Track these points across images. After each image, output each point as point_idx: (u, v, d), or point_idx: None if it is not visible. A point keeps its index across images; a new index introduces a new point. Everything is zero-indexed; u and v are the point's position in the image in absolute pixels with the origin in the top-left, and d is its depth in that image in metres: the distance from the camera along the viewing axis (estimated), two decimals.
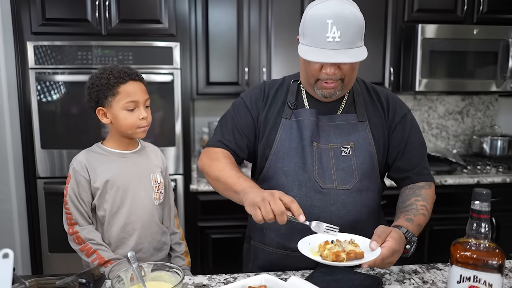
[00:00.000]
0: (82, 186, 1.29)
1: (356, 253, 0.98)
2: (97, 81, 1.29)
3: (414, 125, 1.31)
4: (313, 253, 1.02)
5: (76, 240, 1.28)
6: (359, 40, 1.11)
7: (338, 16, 1.07)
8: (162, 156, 1.50)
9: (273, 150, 1.27)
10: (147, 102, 1.35)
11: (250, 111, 1.31)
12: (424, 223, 1.17)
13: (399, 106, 1.31)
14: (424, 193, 1.23)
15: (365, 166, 1.23)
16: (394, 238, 1.02)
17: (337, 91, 1.19)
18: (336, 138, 1.24)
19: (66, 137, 2.25)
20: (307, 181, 1.21)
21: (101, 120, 1.34)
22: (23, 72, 2.20)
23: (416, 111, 3.15)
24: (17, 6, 2.17)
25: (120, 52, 2.22)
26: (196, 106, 2.98)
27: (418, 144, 1.29)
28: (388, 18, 2.67)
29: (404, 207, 1.19)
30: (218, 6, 2.54)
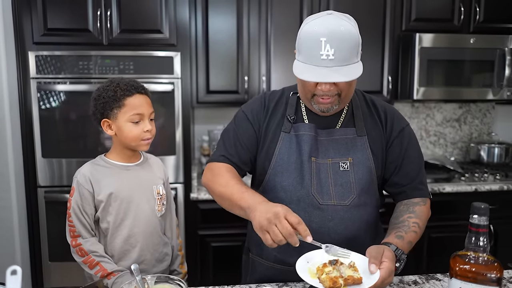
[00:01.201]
0: (85, 199, 1.30)
1: (354, 279, 0.97)
2: (103, 93, 1.31)
3: (412, 139, 1.30)
4: (311, 275, 1.01)
5: (79, 253, 1.29)
6: (354, 56, 1.09)
7: (332, 34, 1.06)
8: (164, 167, 1.52)
9: (272, 164, 1.27)
10: (152, 115, 1.37)
11: (252, 124, 1.31)
12: (415, 240, 1.17)
13: (397, 120, 1.30)
14: (418, 210, 1.22)
15: (363, 182, 1.23)
16: (389, 258, 1.02)
17: (334, 106, 1.19)
18: (334, 153, 1.24)
19: (67, 146, 2.26)
20: (305, 197, 1.21)
21: (106, 131, 1.35)
22: (24, 81, 2.21)
23: (414, 118, 3.18)
24: (19, 16, 2.18)
25: (121, 61, 2.23)
26: (196, 114, 2.99)
27: (415, 159, 1.29)
28: (386, 27, 2.69)
29: (396, 224, 1.19)
30: (218, 15, 2.56)
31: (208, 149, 2.84)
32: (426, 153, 3.20)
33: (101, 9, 2.21)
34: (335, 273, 0.99)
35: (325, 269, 1.00)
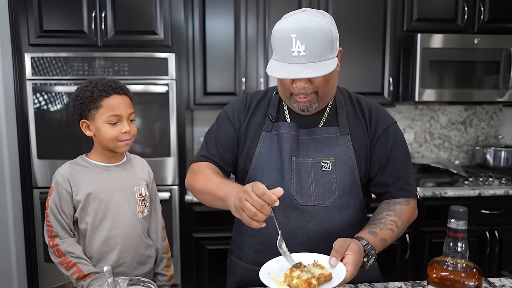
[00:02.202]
0: (64, 198, 1.29)
1: (325, 276, 0.94)
2: (81, 93, 1.30)
3: (398, 138, 1.25)
4: (279, 284, 0.96)
5: (56, 253, 1.28)
6: (328, 52, 1.07)
7: (302, 30, 1.04)
8: (149, 169, 1.50)
9: (252, 163, 1.25)
10: (131, 116, 1.35)
11: (232, 124, 1.30)
12: (391, 239, 1.12)
13: (383, 118, 1.25)
14: (399, 209, 1.18)
15: (345, 182, 1.19)
16: (353, 251, 0.98)
17: (313, 104, 1.16)
18: (316, 152, 1.21)
19: (62, 147, 2.26)
20: (285, 197, 1.16)
21: (85, 132, 1.34)
22: (20, 83, 2.23)
23: (417, 121, 3.11)
24: (15, 18, 2.20)
25: (116, 63, 2.23)
26: (196, 116, 2.98)
27: (401, 158, 1.24)
28: (387, 28, 2.64)
29: (373, 220, 1.16)
30: (215, 16, 2.55)
31: None
32: (430, 156, 3.13)
33: (96, 11, 2.22)
34: (306, 275, 0.95)
35: (293, 274, 0.96)
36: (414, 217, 1.23)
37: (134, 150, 2.28)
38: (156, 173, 2.30)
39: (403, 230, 1.17)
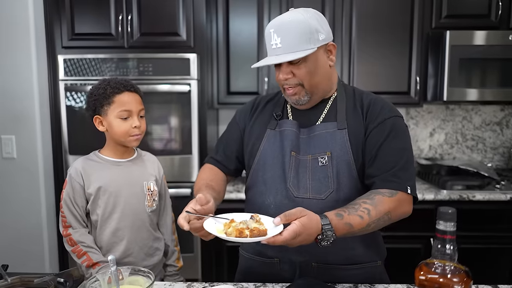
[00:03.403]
0: (77, 191, 1.37)
1: (260, 230, 0.99)
2: (95, 91, 1.38)
3: (395, 131, 1.21)
4: (218, 231, 1.04)
5: (69, 242, 1.36)
6: (304, 43, 1.14)
7: (279, 24, 1.16)
8: (159, 165, 1.56)
9: (256, 159, 1.30)
10: (141, 112, 1.42)
11: (238, 125, 1.39)
12: (360, 226, 1.08)
13: (382, 110, 1.23)
14: (377, 199, 1.12)
15: (342, 176, 1.20)
16: (301, 222, 0.99)
17: (302, 97, 1.22)
18: (314, 148, 1.23)
19: (92, 143, 2.38)
20: (282, 190, 1.23)
21: (98, 127, 1.42)
22: (54, 83, 2.38)
23: (448, 121, 2.99)
24: (50, 23, 2.35)
25: (140, 64, 2.33)
26: (220, 115, 3.04)
27: (394, 151, 1.19)
28: (414, 25, 2.57)
29: (348, 204, 1.13)
30: (239, 16, 2.59)
31: None
32: (462, 158, 3.01)
33: (122, 14, 2.32)
34: (241, 225, 1.01)
35: (232, 224, 1.04)
36: (402, 212, 1.16)
37: (158, 147, 2.37)
38: (178, 170, 2.40)
39: (380, 221, 1.11)
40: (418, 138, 3.03)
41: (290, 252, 1.23)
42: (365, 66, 2.61)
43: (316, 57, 1.19)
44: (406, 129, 1.25)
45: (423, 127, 3.02)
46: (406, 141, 1.22)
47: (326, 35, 1.20)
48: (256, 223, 1.04)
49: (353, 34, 2.59)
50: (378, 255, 1.30)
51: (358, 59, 2.61)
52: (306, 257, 1.23)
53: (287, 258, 1.25)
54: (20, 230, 2.35)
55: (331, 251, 1.21)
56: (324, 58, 1.21)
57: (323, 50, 1.21)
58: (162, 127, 2.37)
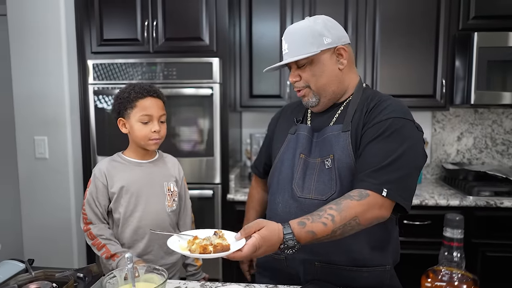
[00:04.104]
0: (100, 190, 1.44)
1: (223, 245, 1.02)
2: (121, 94, 1.46)
3: (390, 132, 1.16)
4: (182, 249, 1.07)
5: (89, 236, 1.43)
6: (309, 46, 1.21)
7: (287, 32, 1.27)
8: (179, 166, 1.61)
9: (275, 162, 1.39)
10: (162, 118, 1.47)
11: (269, 131, 1.54)
12: (324, 233, 1.07)
13: (383, 111, 1.20)
14: (344, 204, 1.09)
15: (343, 178, 1.20)
16: (260, 235, 1.02)
17: (310, 99, 1.29)
18: (321, 151, 1.27)
19: (118, 145, 2.47)
20: (289, 189, 1.29)
21: (121, 129, 1.49)
22: (84, 87, 2.49)
23: (477, 125, 2.91)
24: (80, 29, 2.46)
25: (165, 68, 2.40)
26: (244, 118, 3.08)
27: (379, 151, 1.15)
28: (440, 27, 2.52)
29: (316, 211, 1.11)
30: (262, 20, 2.62)
31: (250, 152, 2.90)
32: (491, 163, 2.91)
33: (148, 20, 2.40)
34: (205, 242, 1.05)
35: (195, 241, 1.06)
36: (373, 216, 1.11)
37: (181, 149, 2.43)
38: (201, 171, 2.45)
39: (347, 226, 1.09)
40: (444, 142, 2.96)
41: None
42: (389, 70, 2.58)
43: (321, 60, 1.24)
44: (410, 133, 1.18)
45: (450, 131, 2.94)
46: (402, 144, 1.15)
47: (334, 39, 1.23)
48: (219, 239, 1.07)
49: (377, 37, 2.56)
50: (387, 259, 1.29)
51: (381, 63, 2.58)
52: (309, 255, 1.25)
53: (291, 255, 1.27)
54: (50, 227, 2.47)
55: (333, 251, 1.23)
56: (331, 61, 1.25)
57: (330, 53, 1.24)
58: (185, 129, 2.43)
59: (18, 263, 1.23)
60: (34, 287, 1.07)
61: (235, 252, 1.01)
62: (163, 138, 1.48)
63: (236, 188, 2.58)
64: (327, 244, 1.19)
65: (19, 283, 1.09)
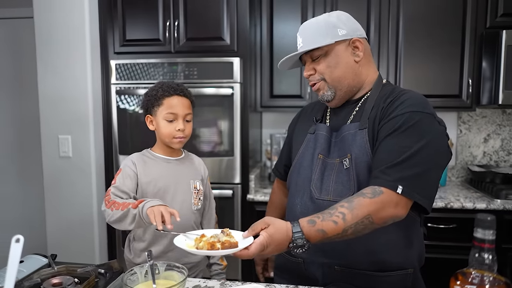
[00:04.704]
0: (128, 176, 1.41)
1: (231, 243, 1.01)
2: (150, 91, 1.48)
3: (406, 126, 1.10)
4: (189, 247, 1.06)
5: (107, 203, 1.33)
6: (322, 38, 1.21)
7: (302, 27, 1.28)
8: (204, 166, 1.62)
9: (294, 162, 1.37)
10: (187, 117, 1.47)
11: (288, 132, 1.52)
12: (334, 232, 1.03)
13: (400, 105, 1.14)
14: (356, 202, 1.06)
15: (361, 178, 1.16)
16: (267, 233, 1.01)
17: (325, 92, 1.27)
18: (339, 151, 1.23)
19: (140, 144, 2.49)
20: (307, 191, 1.26)
21: (148, 126, 1.50)
22: (106, 87, 2.52)
23: (505, 126, 2.81)
24: (104, 30, 2.50)
25: (186, 68, 2.41)
26: (265, 118, 3.07)
27: (394, 147, 1.10)
28: (466, 25, 2.45)
29: (327, 209, 1.08)
30: (283, 20, 2.61)
31: (270, 153, 2.88)
32: None
33: (170, 20, 2.42)
34: (213, 239, 1.04)
35: (202, 238, 1.06)
36: (387, 215, 1.06)
37: (202, 148, 2.43)
38: (221, 171, 2.45)
39: (360, 225, 1.05)
40: (470, 143, 2.87)
41: (313, 253, 1.22)
42: (413, 70, 2.53)
43: (335, 51, 1.22)
44: (429, 128, 1.11)
45: (476, 132, 2.86)
46: (419, 139, 1.09)
47: (349, 31, 1.22)
48: (226, 237, 1.06)
49: (400, 36, 2.51)
50: (411, 262, 1.23)
51: (405, 63, 2.52)
52: (329, 259, 1.22)
53: (310, 259, 1.25)
54: (72, 223, 2.51)
55: (354, 254, 1.19)
56: (346, 53, 1.23)
57: (345, 45, 1.23)
58: (206, 129, 2.43)
59: (41, 258, 1.25)
60: (57, 281, 1.08)
61: (242, 250, 1.00)
62: (188, 137, 1.49)
63: (256, 189, 2.57)
64: (346, 247, 1.17)
65: (42, 277, 1.10)
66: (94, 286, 1.10)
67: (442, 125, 1.16)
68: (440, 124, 1.15)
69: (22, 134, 3.28)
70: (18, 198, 3.35)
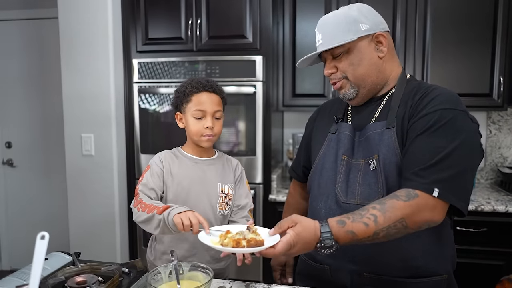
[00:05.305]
0: (156, 173, 1.38)
1: (257, 240, 0.98)
2: (179, 88, 1.44)
3: (440, 124, 1.05)
4: (214, 243, 1.03)
5: (135, 201, 1.30)
6: (343, 34, 1.14)
7: (321, 22, 1.20)
8: (239, 168, 1.52)
9: (315, 163, 1.30)
10: (216, 114, 1.40)
11: (305, 132, 1.46)
12: (365, 235, 0.99)
13: (431, 102, 1.08)
14: (388, 204, 1.01)
15: (391, 180, 1.11)
16: (295, 231, 0.97)
17: (347, 90, 1.20)
18: (364, 152, 1.17)
19: (162, 143, 2.50)
20: (332, 194, 1.20)
21: (178, 124, 1.46)
22: (129, 86, 2.53)
23: None
24: (127, 29, 2.51)
25: (208, 66, 2.39)
26: (286, 118, 3.03)
27: (428, 146, 1.04)
28: (498, 21, 2.36)
29: (357, 210, 1.04)
30: (306, 19, 2.57)
31: (292, 153, 2.84)
32: None
33: (192, 19, 2.41)
34: (238, 236, 1.00)
35: (228, 235, 1.02)
36: (423, 219, 1.01)
37: (222, 148, 2.41)
38: None
39: (392, 229, 1.00)
40: (501, 144, 2.77)
41: (340, 259, 1.18)
42: (440, 67, 2.44)
43: (358, 48, 1.15)
44: (463, 126, 1.06)
45: (507, 133, 2.75)
46: (454, 138, 1.03)
47: (371, 25, 1.16)
48: (252, 234, 1.02)
49: (428, 33, 2.43)
50: (444, 267, 1.17)
51: (432, 60, 2.45)
52: (358, 265, 1.17)
53: (337, 265, 1.20)
54: (95, 221, 2.53)
55: (384, 260, 1.14)
56: (369, 49, 1.16)
57: (368, 40, 1.16)
58: (227, 128, 2.41)
59: (65, 256, 1.24)
60: (81, 279, 1.06)
61: (268, 249, 0.96)
62: (218, 136, 1.43)
63: (278, 189, 2.53)
64: (376, 252, 1.12)
65: (66, 275, 1.09)
66: (118, 285, 1.08)
67: (475, 123, 1.10)
68: (473, 122, 1.10)
69: (45, 133, 3.32)
70: (41, 196, 3.40)
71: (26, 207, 3.42)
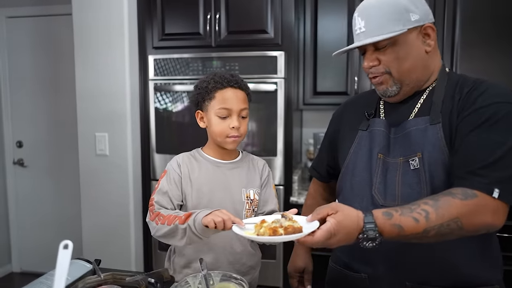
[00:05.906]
0: (173, 179, 1.28)
1: (294, 228, 0.90)
2: (200, 84, 1.30)
3: (495, 119, 0.97)
4: (248, 233, 0.97)
5: (151, 214, 1.21)
6: (391, 24, 1.01)
7: (363, 6, 1.06)
8: (266, 170, 1.40)
9: (345, 163, 1.19)
10: (242, 112, 1.27)
11: (329, 130, 1.35)
12: (414, 231, 0.89)
13: (482, 95, 1.00)
14: (442, 201, 0.91)
15: (436, 180, 1.00)
16: (336, 219, 0.87)
17: (389, 87, 1.09)
18: (404, 149, 1.06)
19: (178, 143, 2.41)
20: (368, 196, 1.10)
21: (199, 123, 1.34)
22: (144, 83, 2.44)
23: None
24: (142, 25, 2.42)
25: (227, 62, 2.30)
26: (305, 117, 2.93)
27: (484, 143, 0.96)
28: None
29: (408, 203, 0.94)
30: (328, 15, 2.47)
31: (313, 153, 2.74)
32: None
33: (211, 13, 2.32)
34: (275, 224, 0.93)
35: (263, 224, 0.96)
36: (481, 221, 0.92)
37: (240, 148, 2.31)
38: None
39: (445, 228, 0.90)
40: None
41: (378, 267, 1.08)
42: (471, 63, 2.32)
43: (406, 40, 1.04)
44: None
45: None
46: (505, 135, 0.95)
47: (421, 15, 1.04)
48: (288, 221, 0.94)
49: (457, 25, 2.31)
50: (495, 275, 1.06)
51: (462, 54, 2.32)
52: (397, 274, 1.07)
53: (375, 273, 1.10)
54: (108, 222, 2.44)
55: (430, 268, 1.03)
56: (417, 42, 1.05)
57: (416, 32, 1.05)
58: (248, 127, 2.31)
59: (85, 264, 1.15)
60: None
61: (306, 237, 0.87)
62: (243, 136, 1.30)
63: (299, 190, 2.43)
64: (420, 259, 1.02)
65: (87, 286, 1.00)
66: None
67: None
68: None
69: (57, 132, 3.25)
70: (53, 197, 3.33)
71: (37, 208, 3.35)
